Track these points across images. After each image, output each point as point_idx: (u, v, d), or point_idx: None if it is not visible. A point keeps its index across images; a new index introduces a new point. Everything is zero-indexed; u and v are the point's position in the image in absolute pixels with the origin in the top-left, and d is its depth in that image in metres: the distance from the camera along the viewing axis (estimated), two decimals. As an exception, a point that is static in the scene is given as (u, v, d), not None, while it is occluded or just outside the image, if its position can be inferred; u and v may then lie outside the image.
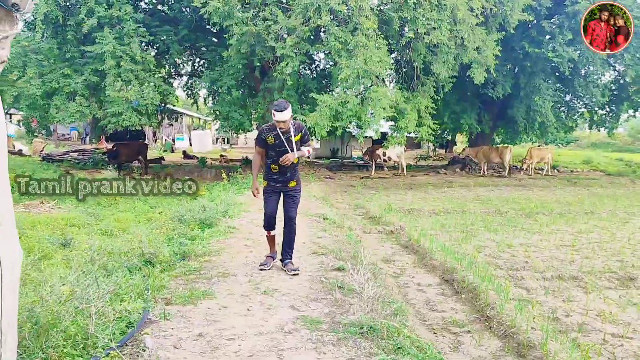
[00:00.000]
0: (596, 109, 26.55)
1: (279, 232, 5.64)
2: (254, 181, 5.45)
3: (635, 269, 7.23)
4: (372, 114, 13.78)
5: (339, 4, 12.83)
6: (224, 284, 5.02)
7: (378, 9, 14.68)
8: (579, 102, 26.30)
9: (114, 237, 6.87)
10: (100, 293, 3.66)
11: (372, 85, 13.94)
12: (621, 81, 25.64)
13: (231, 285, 5.00)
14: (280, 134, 5.18)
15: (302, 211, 9.70)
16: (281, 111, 5.00)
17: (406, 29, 14.29)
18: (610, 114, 26.75)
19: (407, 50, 15.16)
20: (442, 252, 7.27)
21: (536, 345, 4.17)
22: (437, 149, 39.95)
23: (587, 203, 14.37)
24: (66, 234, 7.11)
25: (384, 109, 13.55)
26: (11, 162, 17.13)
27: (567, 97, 24.24)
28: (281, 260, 5.65)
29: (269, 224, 5.48)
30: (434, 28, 13.50)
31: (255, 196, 5.50)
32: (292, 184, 5.45)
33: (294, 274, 5.40)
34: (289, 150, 5.19)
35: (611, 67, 24.45)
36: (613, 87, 26.54)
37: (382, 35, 14.75)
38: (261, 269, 5.45)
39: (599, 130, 30.21)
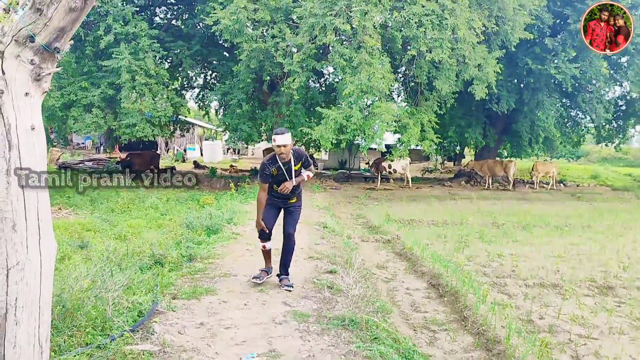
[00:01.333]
0: (603, 123, 26.91)
1: (275, 247, 5.75)
2: (259, 218, 5.43)
3: (616, 279, 7.64)
4: (376, 128, 14.31)
5: (343, 24, 13.46)
6: (225, 282, 5.57)
7: (383, 25, 15.21)
8: (585, 117, 26.60)
9: (127, 241, 7.45)
10: (116, 285, 4.22)
11: (376, 100, 14.50)
12: (628, 97, 25.99)
13: (231, 283, 5.55)
14: (282, 165, 5.29)
15: (304, 220, 10.23)
16: (282, 134, 5.17)
17: (409, 46, 14.84)
18: (617, 130, 27.03)
19: (412, 67, 15.72)
20: (431, 260, 7.75)
21: (501, 340, 4.66)
22: (445, 162, 40.34)
23: (586, 217, 14.67)
24: (83, 238, 7.72)
25: (387, 123, 14.10)
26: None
27: (573, 112, 24.55)
28: (278, 276, 5.67)
29: (263, 234, 5.47)
30: (435, 47, 14.06)
31: (259, 232, 5.53)
32: (293, 200, 5.56)
33: (287, 290, 5.40)
34: (288, 179, 5.33)
35: (617, 83, 24.83)
36: (620, 103, 26.92)
37: (387, 52, 15.34)
38: (254, 282, 5.47)
39: (606, 145, 30.47)
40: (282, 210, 5.61)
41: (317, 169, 29.15)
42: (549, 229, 12.29)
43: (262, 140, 23.10)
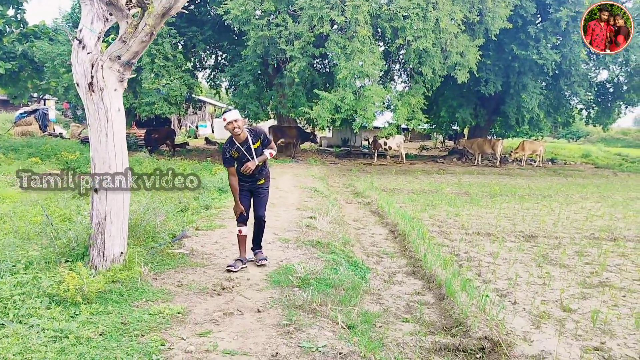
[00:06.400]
0: (594, 105, 28.59)
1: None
2: (237, 203, 5.56)
3: (543, 231, 9.59)
4: (365, 108, 16.22)
5: (338, 16, 15.32)
6: (233, 222, 7.55)
7: (374, 16, 16.97)
8: (574, 99, 28.20)
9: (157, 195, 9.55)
10: (159, 215, 6.31)
11: (367, 84, 16.43)
12: (615, 80, 27.53)
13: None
14: (240, 146, 5.46)
15: (298, 185, 12.32)
16: (229, 111, 5.45)
17: (398, 36, 16.65)
18: (605, 111, 28.63)
19: (401, 54, 17.55)
20: (395, 214, 9.76)
21: (421, 258, 6.69)
22: (446, 141, 42.12)
23: (553, 189, 16.50)
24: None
25: (375, 104, 16.03)
26: (59, 143, 19.98)
27: (557, 94, 26.13)
28: (252, 249, 5.96)
29: (241, 217, 5.65)
30: (420, 37, 15.89)
31: (237, 216, 5.67)
32: (261, 181, 5.73)
33: (261, 264, 5.68)
34: (250, 159, 5.47)
35: (604, 67, 26.34)
36: (608, 86, 28.52)
37: (380, 41, 17.16)
38: (228, 270, 5.42)
39: (594, 126, 32.10)
40: (251, 193, 5.74)
41: (319, 145, 31.13)
42: (512, 198, 14.14)
43: (270, 119, 25.13)
